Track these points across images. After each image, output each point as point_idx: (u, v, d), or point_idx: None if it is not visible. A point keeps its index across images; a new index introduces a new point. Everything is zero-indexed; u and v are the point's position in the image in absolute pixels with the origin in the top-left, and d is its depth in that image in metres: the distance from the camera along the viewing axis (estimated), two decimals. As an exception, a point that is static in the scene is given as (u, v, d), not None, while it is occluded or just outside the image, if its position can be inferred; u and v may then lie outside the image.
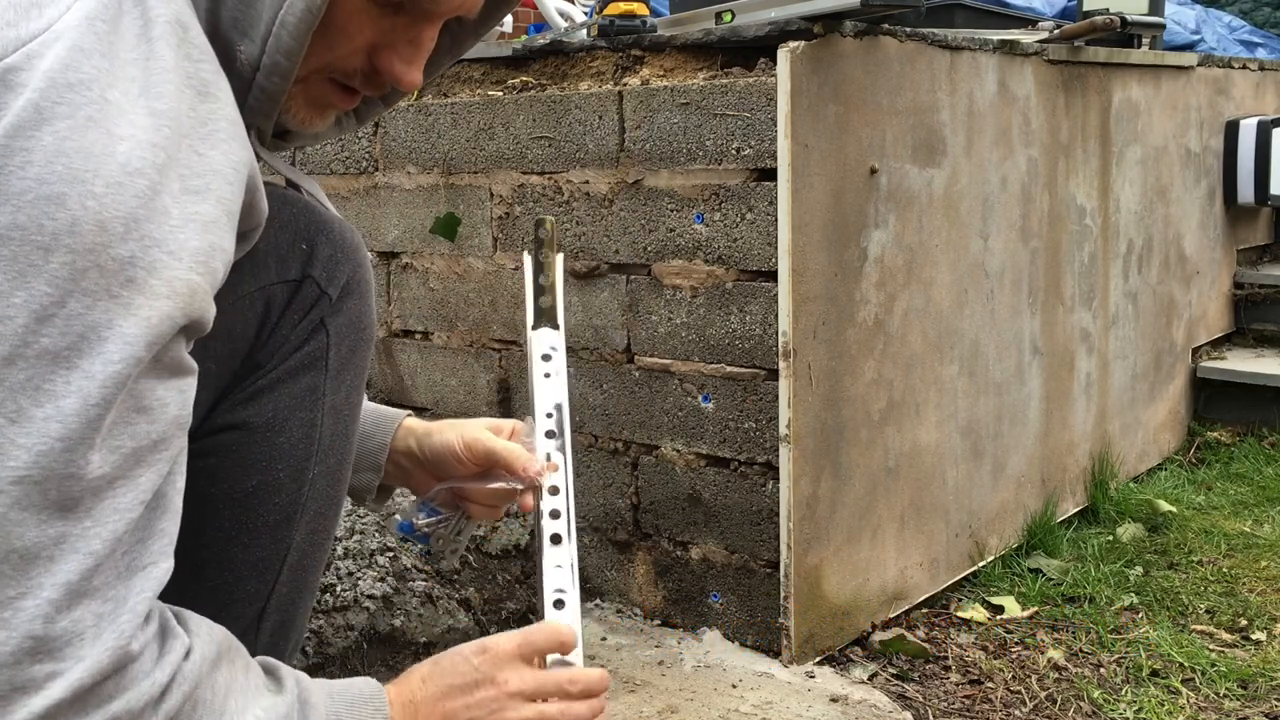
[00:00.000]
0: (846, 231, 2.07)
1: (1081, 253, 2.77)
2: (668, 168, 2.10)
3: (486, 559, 2.24)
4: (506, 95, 2.33)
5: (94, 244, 0.81)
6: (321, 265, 1.18)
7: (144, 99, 0.86)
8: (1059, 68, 2.63)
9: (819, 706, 1.92)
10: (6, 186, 0.80)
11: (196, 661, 0.91)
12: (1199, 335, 3.44)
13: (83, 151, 0.82)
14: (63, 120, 0.82)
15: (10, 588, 0.80)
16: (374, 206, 2.58)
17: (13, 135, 0.81)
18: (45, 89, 0.82)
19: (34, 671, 0.81)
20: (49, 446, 0.81)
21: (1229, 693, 2.00)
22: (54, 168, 0.81)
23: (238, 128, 0.93)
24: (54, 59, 0.83)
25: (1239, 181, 3.46)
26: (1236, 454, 3.29)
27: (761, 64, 2.03)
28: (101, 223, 0.82)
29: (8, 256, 0.80)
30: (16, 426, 0.80)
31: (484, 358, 2.44)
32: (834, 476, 2.08)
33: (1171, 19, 5.09)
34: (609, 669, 2.06)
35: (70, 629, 0.82)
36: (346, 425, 1.22)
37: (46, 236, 0.80)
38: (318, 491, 1.19)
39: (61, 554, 0.82)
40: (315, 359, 1.17)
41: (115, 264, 0.82)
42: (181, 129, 0.88)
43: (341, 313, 1.19)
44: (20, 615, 0.80)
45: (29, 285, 0.80)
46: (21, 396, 0.80)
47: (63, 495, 0.82)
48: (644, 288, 2.17)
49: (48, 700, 0.81)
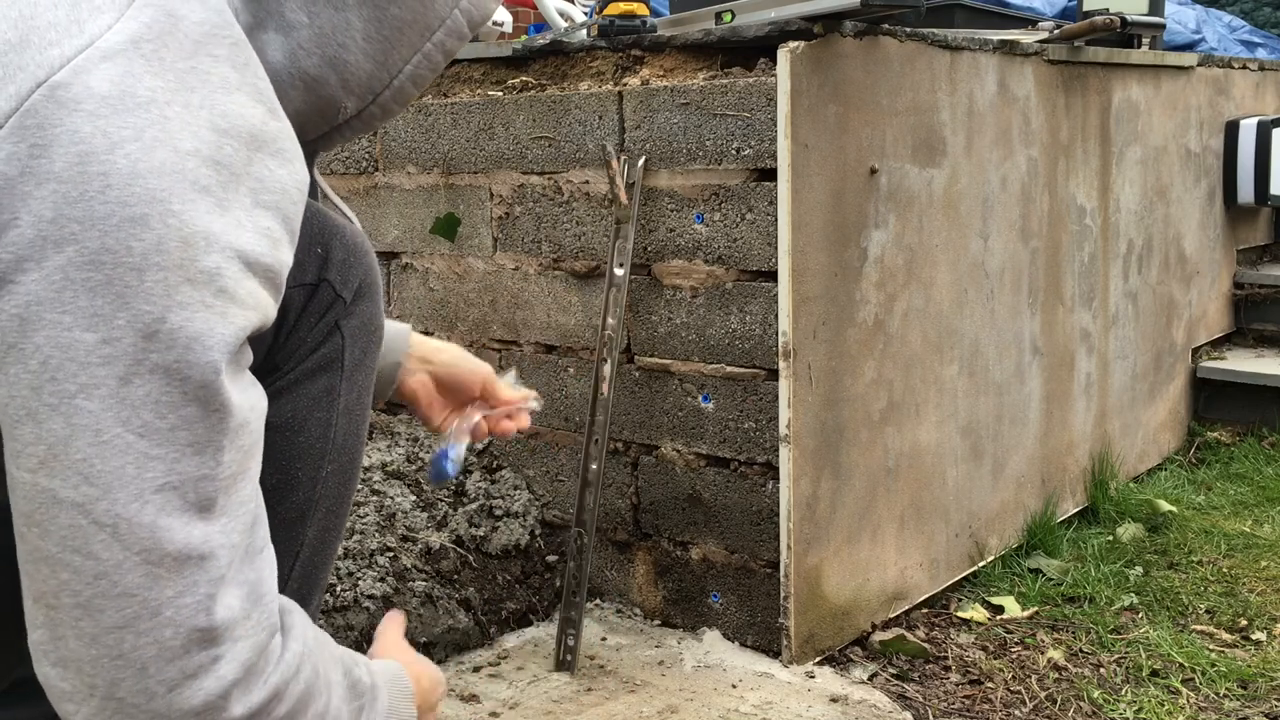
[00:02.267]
0: (846, 231, 2.07)
1: (1081, 253, 2.77)
2: (668, 168, 2.10)
3: (486, 559, 2.24)
4: (506, 95, 2.33)
5: (181, 259, 0.85)
6: (336, 268, 1.21)
7: (206, 113, 0.89)
8: (1059, 68, 2.63)
9: (819, 706, 1.92)
10: (91, 212, 0.83)
11: (311, 634, 1.00)
12: (1199, 335, 3.44)
13: (156, 171, 0.85)
14: (131, 143, 0.84)
15: (169, 588, 0.86)
16: (374, 206, 2.58)
17: (86, 161, 0.84)
18: (108, 114, 0.84)
19: (201, 658, 0.87)
20: (180, 453, 0.86)
21: (1229, 693, 2.00)
22: (133, 189, 0.84)
23: (298, 147, 0.97)
24: (108, 82, 0.85)
25: (1239, 181, 3.46)
26: (1236, 454, 3.29)
27: (761, 64, 2.03)
28: (185, 238, 0.85)
29: (103, 281, 0.84)
30: (147, 440, 0.85)
31: (484, 358, 2.43)
32: (834, 476, 2.08)
33: (1172, 19, 5.09)
34: (609, 669, 2.06)
35: (227, 616, 0.88)
36: (358, 425, 1.26)
37: (137, 258, 0.84)
38: (330, 489, 1.23)
39: (210, 551, 0.88)
40: (331, 360, 1.21)
41: (204, 276, 0.86)
42: (253, 143, 0.91)
43: (355, 315, 1.22)
44: (183, 612, 0.86)
45: (130, 306, 0.84)
46: (145, 411, 0.85)
47: (200, 496, 0.87)
48: (644, 288, 2.17)
49: (221, 682, 0.88)
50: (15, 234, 0.83)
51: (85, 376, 0.84)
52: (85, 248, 0.83)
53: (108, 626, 0.86)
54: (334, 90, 1.04)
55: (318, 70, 1.03)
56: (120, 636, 0.86)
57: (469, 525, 2.24)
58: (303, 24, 1.01)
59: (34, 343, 0.84)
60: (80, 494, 0.85)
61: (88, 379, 0.84)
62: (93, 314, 0.84)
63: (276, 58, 1.00)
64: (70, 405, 0.84)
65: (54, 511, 0.85)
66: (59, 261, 0.83)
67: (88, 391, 0.84)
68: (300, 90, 1.03)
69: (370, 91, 1.06)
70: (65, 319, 0.84)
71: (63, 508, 0.85)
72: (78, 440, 0.85)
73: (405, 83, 1.07)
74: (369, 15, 1.02)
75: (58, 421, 0.85)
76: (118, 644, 0.86)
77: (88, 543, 0.85)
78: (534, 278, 2.33)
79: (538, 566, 2.31)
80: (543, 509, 2.36)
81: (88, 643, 0.86)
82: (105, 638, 0.86)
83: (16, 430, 0.86)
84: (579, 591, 2.09)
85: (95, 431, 0.85)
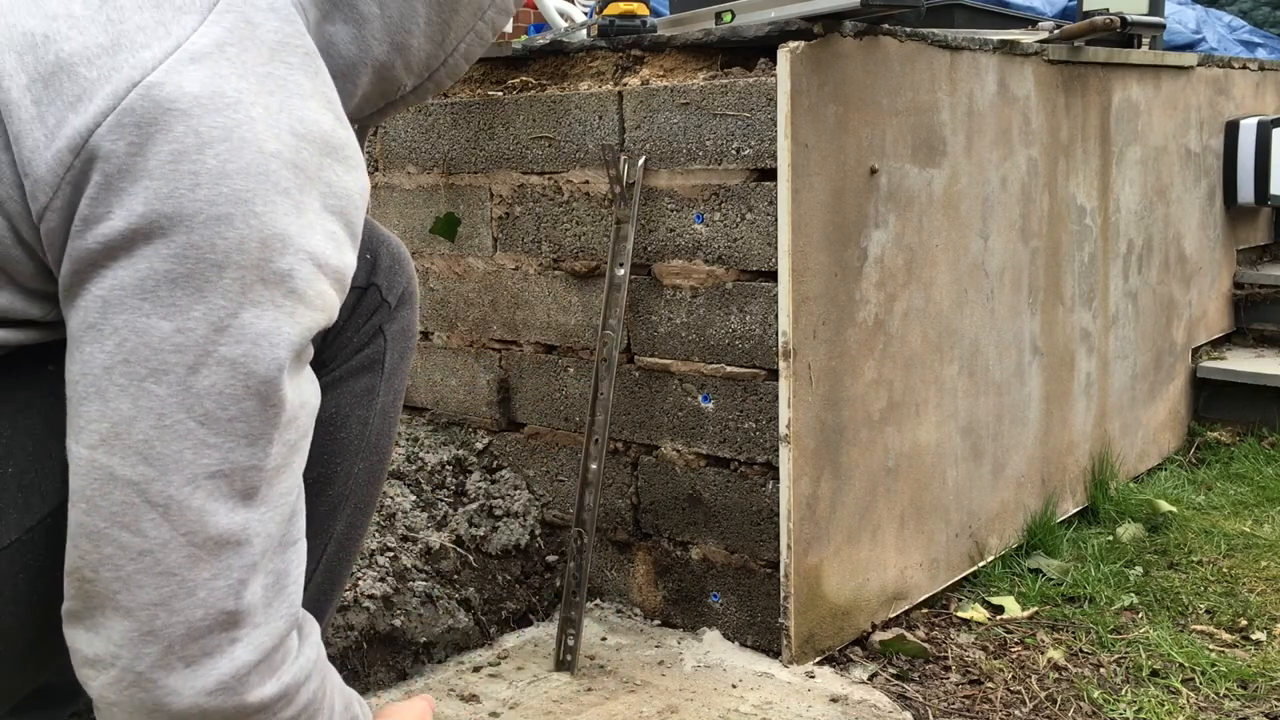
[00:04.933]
0: (846, 231, 2.07)
1: (1081, 253, 2.77)
2: (668, 168, 2.10)
3: (486, 559, 2.24)
4: (506, 95, 2.33)
5: (259, 259, 0.89)
6: (383, 274, 1.26)
7: (285, 117, 0.92)
8: (1059, 68, 2.63)
9: (819, 706, 1.92)
10: (180, 209, 0.87)
11: (322, 651, 1.02)
12: (1199, 335, 3.44)
13: (242, 172, 0.89)
14: (221, 144, 0.88)
15: (205, 569, 0.90)
16: (374, 206, 2.58)
17: (179, 160, 0.87)
18: (200, 113, 0.88)
19: (220, 639, 0.90)
20: (235, 443, 0.90)
21: (1229, 693, 2.00)
22: (220, 189, 0.88)
23: (362, 156, 1.01)
24: (199, 83, 0.89)
25: (1239, 181, 3.46)
26: (1236, 454, 3.29)
27: (761, 64, 2.03)
28: (264, 239, 0.89)
29: (185, 274, 0.88)
30: (206, 428, 0.89)
31: (484, 358, 2.44)
32: (834, 476, 2.08)
33: (1172, 19, 5.09)
34: (609, 669, 2.06)
35: (252, 602, 0.92)
36: (390, 426, 1.30)
37: (219, 255, 0.88)
38: (359, 486, 1.26)
39: (247, 538, 0.91)
40: (374, 361, 1.25)
41: (277, 277, 0.90)
42: (325, 149, 0.95)
43: (397, 320, 1.27)
44: (216, 594, 0.90)
45: (206, 300, 0.88)
46: (208, 400, 0.89)
47: (246, 485, 0.91)
48: (644, 288, 2.17)
49: (235, 664, 0.91)
50: (108, 226, 0.88)
51: (157, 361, 0.88)
52: (172, 241, 0.87)
53: (145, 602, 0.89)
54: (398, 72, 1.09)
55: (386, 56, 1.07)
56: (154, 613, 0.89)
57: (469, 525, 2.25)
58: (375, 15, 1.05)
59: (112, 324, 0.88)
60: (137, 473, 0.88)
61: (159, 364, 0.88)
62: (171, 304, 0.88)
63: (349, 48, 1.05)
64: (139, 387, 0.88)
65: (108, 488, 0.88)
66: (146, 252, 0.87)
67: (157, 376, 0.88)
68: (369, 75, 1.07)
69: (427, 69, 1.12)
70: (145, 306, 0.88)
71: (117, 484, 0.88)
72: (141, 421, 0.88)
73: (459, 59, 1.13)
74: (433, 1, 1.08)
75: (125, 401, 0.88)
76: (150, 620, 0.89)
77: (138, 520, 0.88)
78: (534, 278, 2.33)
79: (538, 566, 2.31)
80: (543, 509, 2.36)
81: (122, 615, 0.89)
82: (140, 612, 0.89)
83: (82, 406, 0.89)
84: (579, 591, 2.09)
85: (159, 415, 0.88)
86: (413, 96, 1.15)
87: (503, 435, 2.43)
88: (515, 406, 2.41)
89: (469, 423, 2.49)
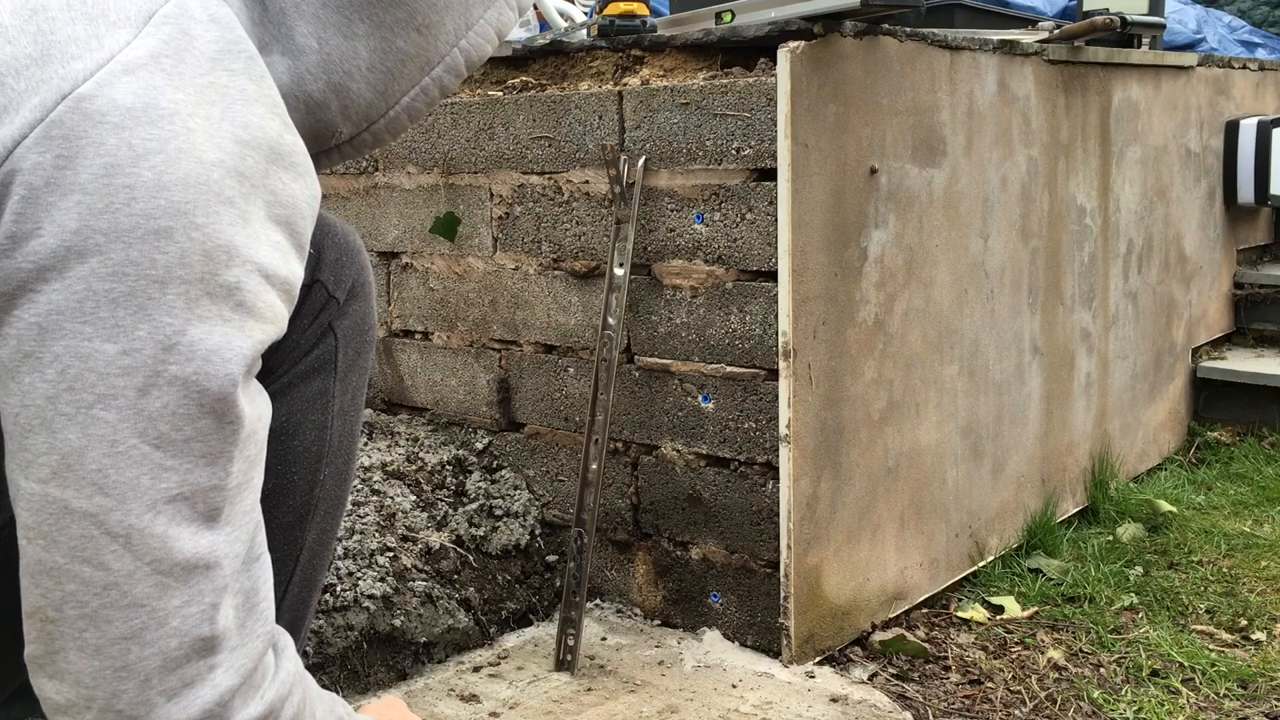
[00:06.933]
0: (846, 231, 2.07)
1: (1081, 253, 2.77)
2: (668, 168, 2.10)
3: (486, 559, 2.24)
4: (506, 95, 2.33)
5: (203, 273, 0.86)
6: (329, 269, 1.21)
7: (228, 125, 0.89)
8: (1059, 68, 2.63)
9: (819, 706, 1.92)
10: (116, 224, 0.84)
11: (300, 663, 1.00)
12: (1199, 335, 3.44)
13: (180, 183, 0.85)
14: (156, 155, 0.85)
15: (175, 597, 0.87)
16: (374, 206, 2.58)
17: (112, 174, 0.84)
18: (133, 126, 0.85)
19: (199, 667, 0.88)
20: (193, 464, 0.87)
21: (1229, 693, 2.00)
22: (157, 202, 0.84)
23: (310, 161, 0.97)
24: (132, 96, 0.86)
25: (1239, 181, 3.46)
26: (1236, 454, 3.29)
27: (761, 64, 2.03)
28: (207, 252, 0.86)
29: (126, 292, 0.84)
30: (162, 451, 0.86)
31: (484, 358, 2.44)
32: (834, 476, 2.08)
33: (1173, 19, 5.08)
34: (609, 669, 2.06)
35: (226, 625, 0.89)
36: (352, 426, 1.26)
37: (160, 270, 0.84)
38: (327, 492, 1.23)
39: (215, 560, 0.88)
40: (325, 362, 1.21)
41: (224, 290, 0.87)
42: (271, 156, 0.91)
43: (348, 315, 1.23)
44: (189, 621, 0.87)
45: (151, 318, 0.84)
46: (161, 423, 0.85)
47: (209, 506, 0.88)
48: (644, 288, 2.17)
49: (218, 690, 0.88)
50: (38, 244, 0.83)
51: (104, 387, 0.84)
52: (109, 259, 0.83)
53: (114, 637, 0.86)
54: (333, 115, 1.05)
55: (321, 95, 1.03)
56: (126, 647, 0.86)
57: (469, 525, 2.25)
58: (312, 49, 1.01)
59: (53, 351, 0.84)
60: (93, 504, 0.85)
61: (106, 389, 0.84)
62: (114, 325, 0.84)
63: (282, 79, 1.01)
64: (87, 415, 0.84)
65: (64, 522, 0.85)
66: (82, 272, 0.83)
67: (105, 402, 0.84)
68: (301, 113, 1.03)
69: (366, 119, 1.07)
70: (86, 329, 0.84)
71: (74, 518, 0.85)
72: (93, 450, 0.84)
73: (401, 114, 1.08)
74: (375, 46, 1.03)
75: (73, 431, 0.84)
76: (123, 655, 0.86)
77: (98, 553, 0.85)
78: (534, 278, 2.33)
79: (538, 566, 2.31)
80: (543, 509, 2.36)
81: (90, 654, 0.86)
82: (110, 649, 0.86)
83: (28, 440, 0.86)
84: (579, 591, 2.09)
85: (111, 442, 0.85)
86: (349, 148, 1.09)
87: (503, 435, 2.43)
88: (515, 406, 2.41)
89: (469, 423, 2.49)
